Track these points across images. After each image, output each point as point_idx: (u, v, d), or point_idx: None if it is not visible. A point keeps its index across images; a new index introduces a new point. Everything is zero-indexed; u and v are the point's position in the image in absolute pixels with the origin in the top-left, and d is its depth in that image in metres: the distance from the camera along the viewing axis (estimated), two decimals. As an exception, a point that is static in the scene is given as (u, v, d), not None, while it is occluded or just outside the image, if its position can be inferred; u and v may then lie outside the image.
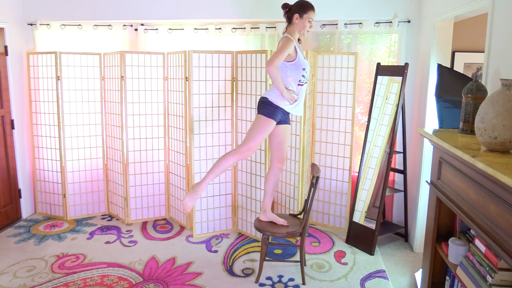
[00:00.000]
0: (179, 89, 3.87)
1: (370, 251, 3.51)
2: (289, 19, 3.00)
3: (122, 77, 3.95)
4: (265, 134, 2.94)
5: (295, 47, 2.90)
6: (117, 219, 4.28)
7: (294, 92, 2.94)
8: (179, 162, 4.02)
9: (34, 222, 4.19)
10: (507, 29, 2.15)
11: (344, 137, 3.88)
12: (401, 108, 3.52)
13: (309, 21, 2.96)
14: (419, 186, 3.52)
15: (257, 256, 3.44)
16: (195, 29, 4.21)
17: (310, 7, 2.96)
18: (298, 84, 2.98)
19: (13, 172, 4.17)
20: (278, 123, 3.01)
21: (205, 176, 2.94)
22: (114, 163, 4.24)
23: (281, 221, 3.11)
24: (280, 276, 3.15)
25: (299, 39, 3.07)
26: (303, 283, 3.04)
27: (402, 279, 3.17)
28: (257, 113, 2.98)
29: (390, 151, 3.51)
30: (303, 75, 2.98)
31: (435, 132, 2.32)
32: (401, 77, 3.48)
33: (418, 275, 3.02)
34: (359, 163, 3.77)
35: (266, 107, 2.93)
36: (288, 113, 3.08)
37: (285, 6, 3.02)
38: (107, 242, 3.72)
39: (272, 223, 3.13)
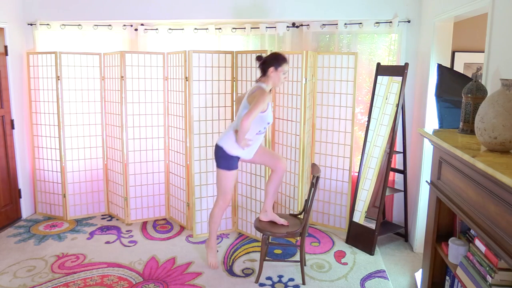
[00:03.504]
0: (179, 89, 3.87)
1: (370, 251, 3.51)
2: (264, 72, 3.01)
3: (122, 77, 3.95)
4: (232, 182, 3.12)
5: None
6: (117, 219, 4.28)
7: (249, 139, 3.00)
8: (179, 162, 4.02)
9: (34, 222, 4.19)
10: (507, 29, 2.15)
11: (344, 137, 3.88)
12: (401, 108, 3.52)
13: (283, 73, 3.00)
14: (419, 186, 3.52)
15: (257, 256, 3.44)
16: (195, 29, 4.21)
17: (284, 60, 3.00)
18: (257, 133, 3.05)
19: (13, 172, 4.17)
20: None
21: (210, 234, 3.26)
22: (114, 163, 4.24)
23: (281, 221, 3.11)
24: (280, 276, 3.15)
25: (270, 90, 3.10)
26: (303, 283, 3.04)
27: (402, 279, 3.17)
28: (217, 167, 3.09)
29: (390, 151, 3.51)
30: (264, 127, 3.06)
31: (435, 132, 2.32)
32: (401, 77, 3.48)
33: (418, 275, 3.02)
34: (359, 163, 3.77)
35: (223, 160, 3.03)
36: None
37: (259, 58, 3.04)
38: (107, 242, 3.72)
39: (272, 223, 3.13)
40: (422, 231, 3.42)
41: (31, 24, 4.28)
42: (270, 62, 2.96)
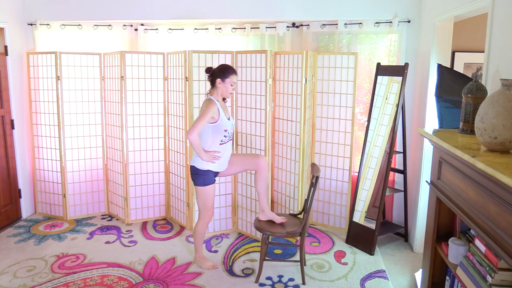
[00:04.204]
0: (179, 89, 3.87)
1: (370, 251, 3.51)
2: (212, 83, 3.08)
3: (122, 77, 3.95)
4: (211, 198, 3.15)
5: (218, 109, 2.98)
6: (117, 219, 4.28)
7: (215, 152, 3.03)
8: (179, 162, 4.01)
9: (34, 222, 4.19)
10: (507, 29, 2.15)
11: (344, 137, 3.88)
12: (401, 108, 3.52)
13: (231, 84, 3.05)
14: (419, 186, 3.52)
15: (257, 256, 3.44)
16: (195, 29, 4.21)
17: (231, 71, 3.06)
18: (220, 144, 3.06)
19: (13, 172, 4.17)
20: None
21: (196, 248, 3.29)
22: (114, 163, 4.24)
23: (279, 219, 3.12)
24: (280, 276, 3.15)
25: (224, 99, 3.15)
26: (303, 283, 3.04)
27: (402, 279, 3.17)
28: (194, 185, 3.12)
29: (390, 151, 3.51)
30: (225, 136, 3.07)
31: (435, 132, 2.32)
32: (401, 77, 3.48)
33: (418, 275, 3.02)
34: (359, 163, 3.77)
35: (198, 177, 3.07)
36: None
37: (208, 70, 3.10)
38: (107, 242, 3.72)
39: (272, 222, 3.13)
40: (422, 231, 3.42)
41: (31, 24, 4.28)
42: (217, 74, 3.05)
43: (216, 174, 3.14)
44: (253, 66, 3.60)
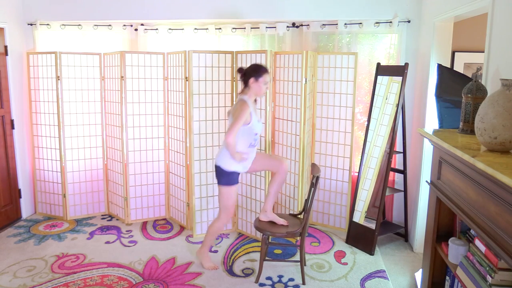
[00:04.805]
0: (179, 89, 3.87)
1: (370, 251, 3.51)
2: (245, 83, 3.04)
3: (122, 77, 3.95)
4: (234, 198, 3.13)
5: (250, 112, 2.95)
6: (117, 219, 4.28)
7: (244, 153, 3.01)
8: (179, 162, 4.02)
9: (34, 222, 4.19)
10: (507, 29, 2.15)
11: (344, 137, 3.88)
12: (401, 108, 3.52)
13: (264, 83, 3.02)
14: (419, 186, 3.52)
15: (257, 256, 3.44)
16: (195, 29, 4.21)
17: (264, 70, 3.02)
18: (249, 146, 3.05)
19: (13, 172, 4.17)
20: None
21: (204, 244, 3.27)
22: (114, 163, 4.24)
23: (281, 221, 3.12)
24: (280, 276, 3.15)
25: (255, 100, 3.13)
26: (303, 283, 3.04)
27: (402, 279, 3.17)
28: (218, 184, 3.10)
29: (390, 151, 3.51)
30: (254, 139, 3.06)
31: (435, 132, 2.32)
32: (401, 77, 3.48)
33: (418, 275, 3.03)
34: (359, 163, 3.77)
35: (223, 177, 3.05)
36: None
37: (240, 70, 3.07)
38: (107, 242, 3.72)
39: (272, 223, 3.13)
40: (422, 231, 3.42)
41: (31, 24, 4.28)
42: (250, 73, 3.00)
43: (238, 174, 3.12)
44: (253, 66, 3.60)
